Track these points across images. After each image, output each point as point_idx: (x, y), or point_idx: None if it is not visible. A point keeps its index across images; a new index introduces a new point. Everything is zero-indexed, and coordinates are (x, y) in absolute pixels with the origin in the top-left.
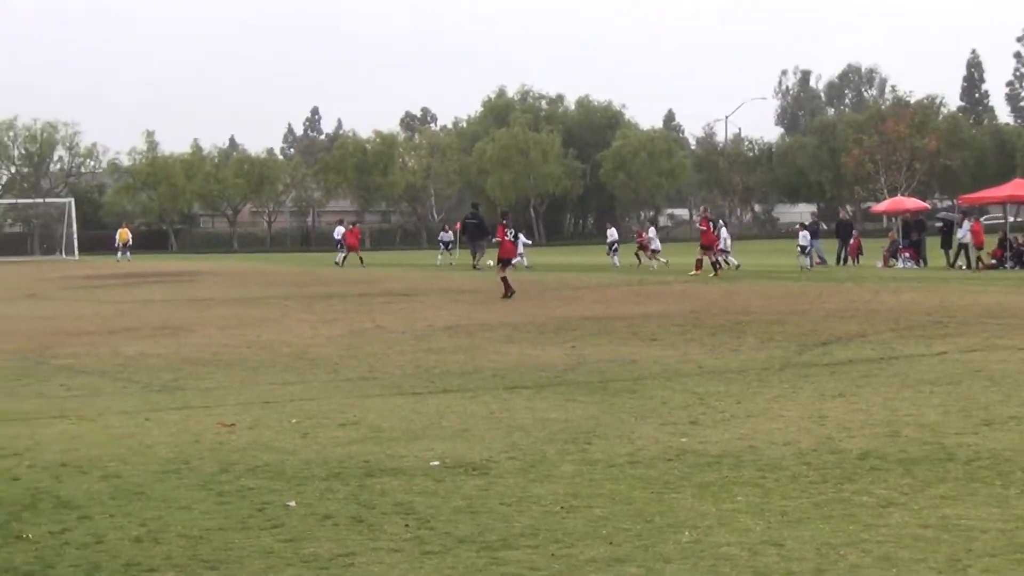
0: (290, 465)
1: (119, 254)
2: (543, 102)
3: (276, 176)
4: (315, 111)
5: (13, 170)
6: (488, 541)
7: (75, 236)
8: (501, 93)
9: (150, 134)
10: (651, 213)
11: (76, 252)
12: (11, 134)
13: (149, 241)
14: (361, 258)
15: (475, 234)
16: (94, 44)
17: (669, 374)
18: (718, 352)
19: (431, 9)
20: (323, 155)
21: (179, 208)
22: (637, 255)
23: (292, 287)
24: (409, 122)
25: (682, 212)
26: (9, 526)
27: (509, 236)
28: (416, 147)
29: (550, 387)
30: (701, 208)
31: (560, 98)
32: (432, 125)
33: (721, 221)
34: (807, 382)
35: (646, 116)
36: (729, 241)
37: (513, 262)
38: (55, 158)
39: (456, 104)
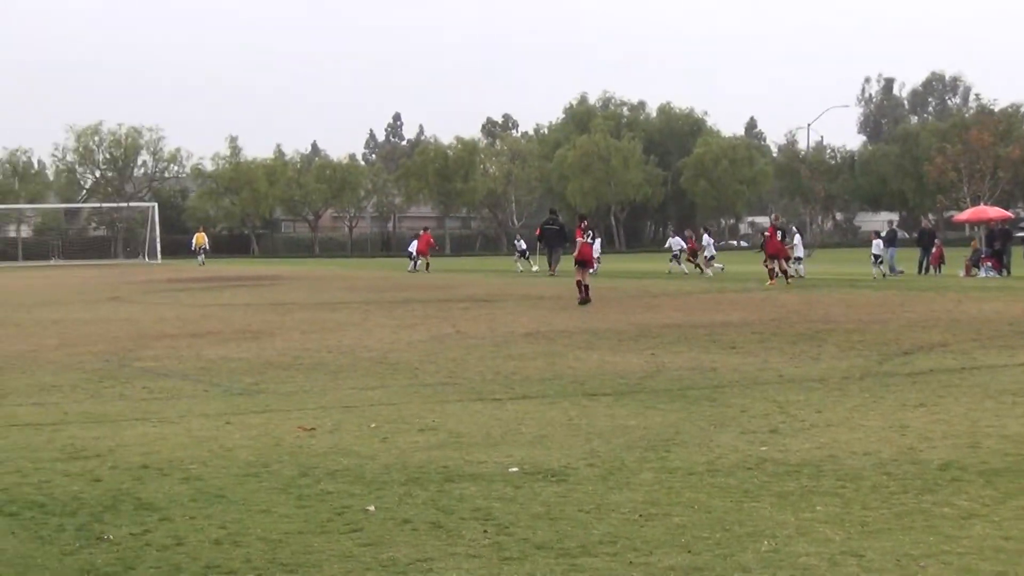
0: (369, 469)
1: (198, 258)
2: (625, 109)
3: (357, 182)
4: (397, 117)
5: (98, 174)
6: (566, 548)
7: (158, 240)
8: (583, 100)
9: (233, 139)
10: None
11: (159, 256)
12: (96, 139)
13: (231, 245)
14: (428, 264)
15: (554, 240)
16: (179, 50)
17: (749, 382)
18: (798, 360)
19: (512, 15)
20: (404, 161)
21: (261, 213)
22: (691, 262)
23: (372, 292)
24: (490, 128)
25: (763, 220)
26: (91, 527)
27: (587, 239)
28: (497, 153)
29: (629, 394)
30: (772, 216)
31: (642, 105)
32: (513, 131)
33: (794, 228)
34: (888, 392)
35: (728, 123)
36: (801, 249)
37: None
38: (139, 163)
39: (538, 110)
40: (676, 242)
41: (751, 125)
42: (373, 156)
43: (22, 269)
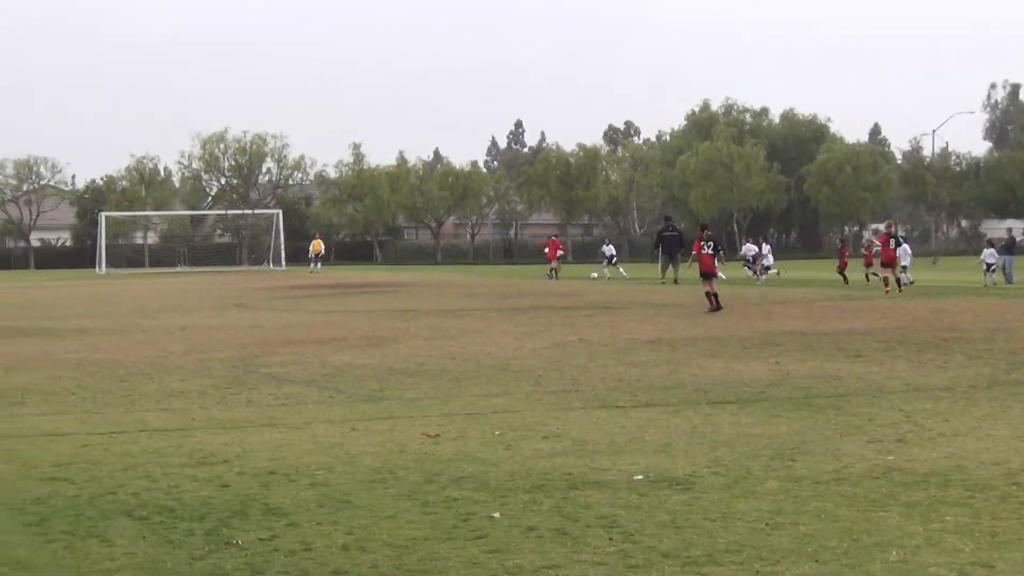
0: (494, 476)
1: (312, 265)
2: (747, 115)
3: (480, 189)
4: (519, 124)
5: (223, 181)
6: (692, 556)
7: (282, 247)
8: (705, 106)
9: (356, 146)
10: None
11: (283, 262)
12: (222, 146)
13: (354, 252)
14: (556, 271)
15: (672, 247)
16: (302, 59)
17: (874, 391)
18: (925, 369)
19: (636, 23)
20: (526, 168)
21: (384, 220)
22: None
23: (495, 299)
24: (612, 135)
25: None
26: (219, 532)
27: (707, 250)
28: (619, 160)
29: (754, 402)
30: (885, 224)
31: (764, 111)
32: (635, 138)
33: (902, 236)
34: (1016, 401)
35: (852, 130)
36: (910, 258)
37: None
38: (264, 170)
39: (660, 117)
40: (749, 248)
41: (875, 131)
42: (495, 163)
43: (149, 276)
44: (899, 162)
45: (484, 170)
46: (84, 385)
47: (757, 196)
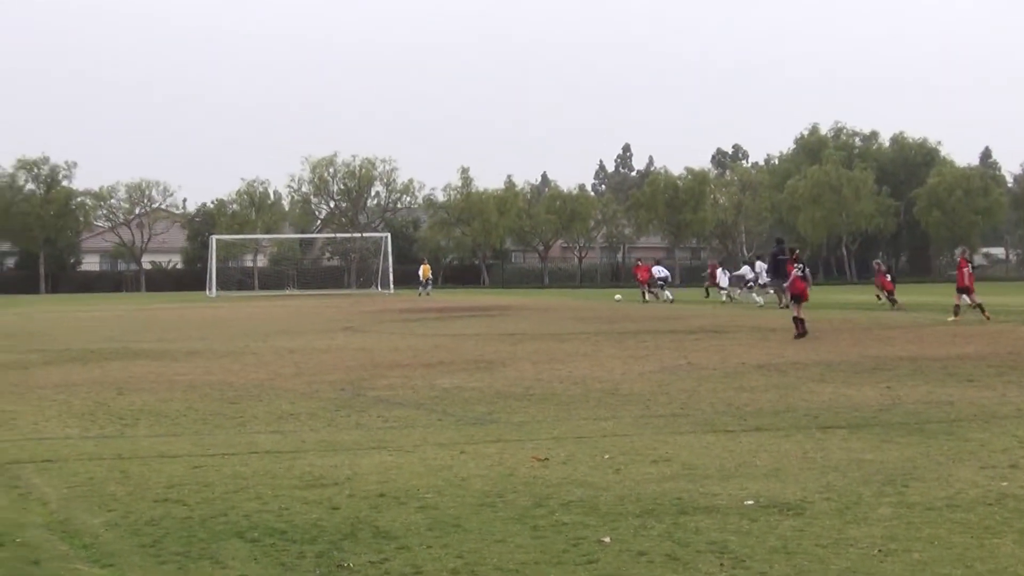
0: (604, 501)
1: (421, 288)
2: (857, 139)
3: (587, 212)
4: (627, 148)
5: (332, 205)
6: None
7: (391, 270)
8: (814, 130)
9: (465, 170)
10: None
11: (391, 286)
12: (331, 170)
13: (462, 275)
14: (644, 293)
15: (783, 271)
16: (411, 81)
17: (987, 416)
18: None
19: (742, 47)
20: (634, 192)
21: (492, 243)
22: (707, 289)
23: (602, 323)
24: (720, 159)
25: (998, 251)
26: (330, 555)
27: (799, 273)
28: (727, 184)
29: (865, 427)
30: (961, 249)
31: (874, 135)
32: (744, 162)
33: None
34: None
35: (962, 153)
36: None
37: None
38: (372, 193)
39: (768, 141)
40: (746, 270)
41: (986, 155)
42: (603, 186)
43: (258, 298)
44: (1010, 185)
45: (592, 193)
46: (195, 407)
47: (866, 220)
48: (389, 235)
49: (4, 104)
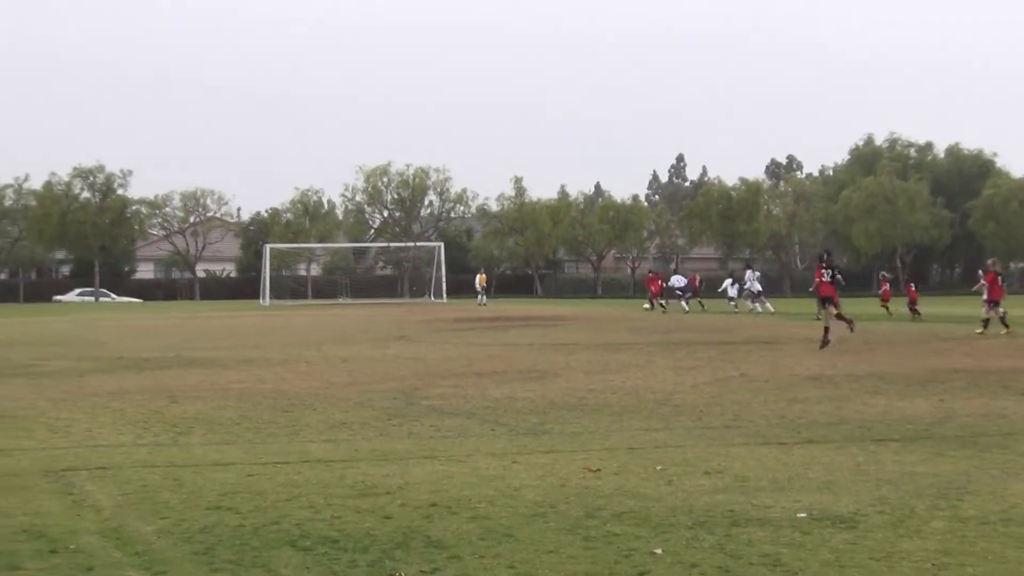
0: (655, 512)
1: (479, 298)
2: (912, 150)
3: (640, 223)
4: (680, 158)
5: (385, 214)
6: None
7: (444, 279)
8: (869, 141)
9: (518, 180)
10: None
11: (444, 295)
12: (385, 179)
13: (515, 286)
14: (653, 302)
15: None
16: (464, 92)
17: None
18: None
19: (795, 58)
20: (688, 202)
21: (545, 253)
22: (651, 301)
23: (655, 333)
24: (774, 169)
25: None
26: (382, 564)
27: (826, 278)
28: (781, 195)
29: (918, 440)
30: (990, 262)
31: (929, 146)
32: (798, 173)
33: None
34: None
35: (1019, 164)
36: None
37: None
38: (426, 203)
39: (823, 152)
40: (677, 280)
41: None
42: (656, 197)
43: (311, 307)
44: None
45: (645, 204)
46: (249, 415)
47: (921, 232)
48: (442, 245)
49: (62, 113)
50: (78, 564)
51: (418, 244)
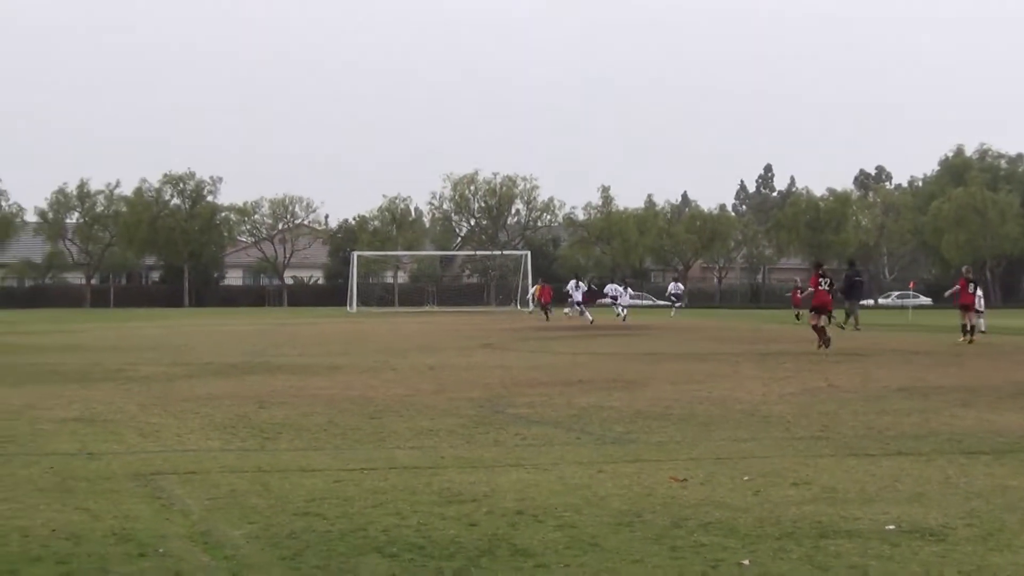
0: (743, 523)
1: (572, 307)
2: (1002, 161)
3: (727, 233)
4: (768, 168)
5: (472, 222)
6: None
7: (530, 288)
8: (959, 152)
9: (605, 189)
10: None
11: (531, 304)
12: (472, 188)
13: (600, 294)
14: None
15: (857, 293)
16: (551, 101)
17: None
18: None
19: (883, 68)
20: (776, 212)
21: (631, 262)
22: (544, 309)
23: (742, 343)
24: (863, 180)
25: None
26: (468, 571)
27: (824, 286)
28: (870, 205)
29: (1009, 453)
30: (964, 268)
31: (1020, 157)
32: (887, 183)
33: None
34: None
35: None
36: (982, 301)
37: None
38: (513, 211)
39: (912, 162)
40: (612, 289)
41: None
42: (743, 207)
43: (398, 315)
44: None
45: (732, 214)
46: (336, 421)
47: (1011, 243)
48: (529, 253)
49: (154, 119)
50: (167, 568)
51: (504, 252)
